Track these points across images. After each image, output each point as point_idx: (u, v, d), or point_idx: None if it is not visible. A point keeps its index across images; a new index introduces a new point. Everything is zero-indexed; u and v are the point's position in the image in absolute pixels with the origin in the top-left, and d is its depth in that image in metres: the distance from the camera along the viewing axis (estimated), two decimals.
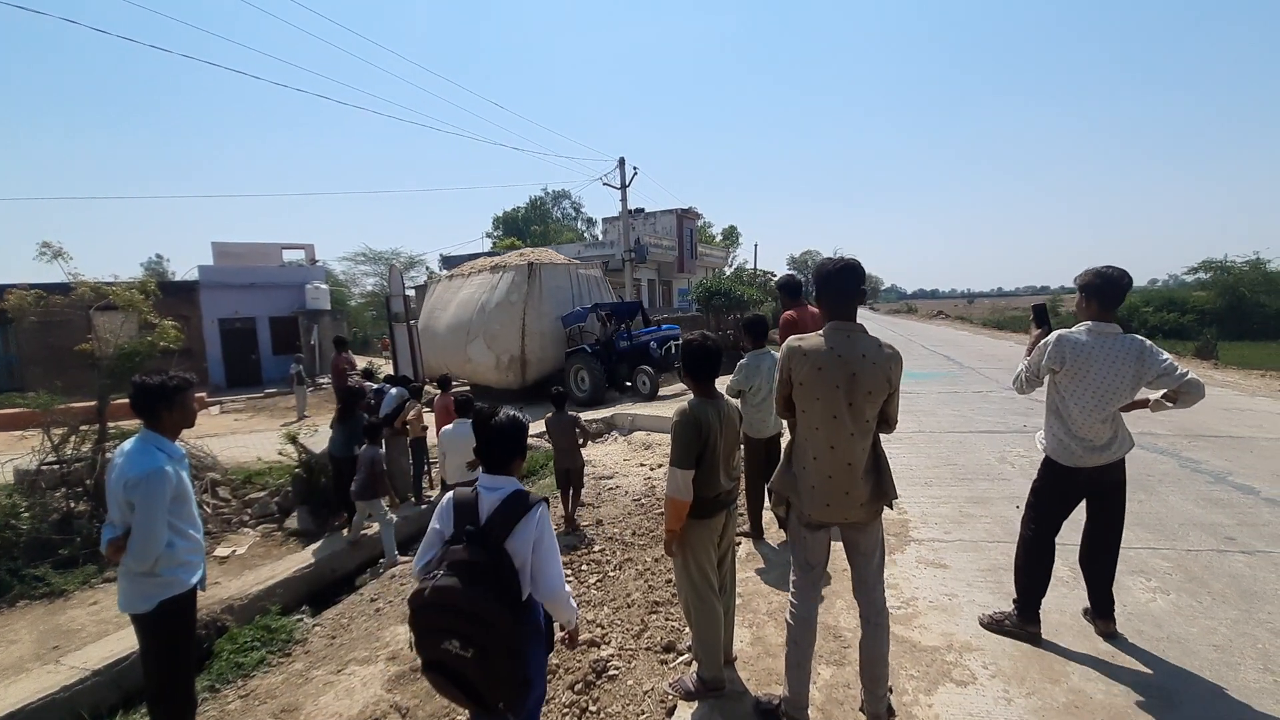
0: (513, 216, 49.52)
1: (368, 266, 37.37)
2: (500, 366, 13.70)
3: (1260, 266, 21.55)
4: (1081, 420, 2.86)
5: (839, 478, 2.34)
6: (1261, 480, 5.22)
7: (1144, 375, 2.76)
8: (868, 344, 2.33)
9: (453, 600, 1.79)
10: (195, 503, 2.90)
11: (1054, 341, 2.92)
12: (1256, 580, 3.51)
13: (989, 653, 2.97)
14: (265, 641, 4.56)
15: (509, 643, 1.82)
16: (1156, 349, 2.80)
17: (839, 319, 2.38)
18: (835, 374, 2.29)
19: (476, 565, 1.85)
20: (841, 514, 2.38)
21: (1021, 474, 5.65)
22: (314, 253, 26.24)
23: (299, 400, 15.07)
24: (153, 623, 2.68)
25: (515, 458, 2.09)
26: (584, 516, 5.94)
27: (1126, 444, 2.89)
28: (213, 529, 7.72)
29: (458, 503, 2.02)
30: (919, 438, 7.30)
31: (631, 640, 3.55)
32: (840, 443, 2.32)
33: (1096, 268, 2.87)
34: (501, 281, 14.29)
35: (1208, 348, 14.50)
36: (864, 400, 2.29)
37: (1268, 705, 2.48)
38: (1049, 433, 3.02)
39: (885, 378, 2.30)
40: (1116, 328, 2.85)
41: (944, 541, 4.28)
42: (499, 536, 1.92)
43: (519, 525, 1.94)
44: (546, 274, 14.25)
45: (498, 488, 2.02)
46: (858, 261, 2.42)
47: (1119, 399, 2.81)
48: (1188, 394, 2.72)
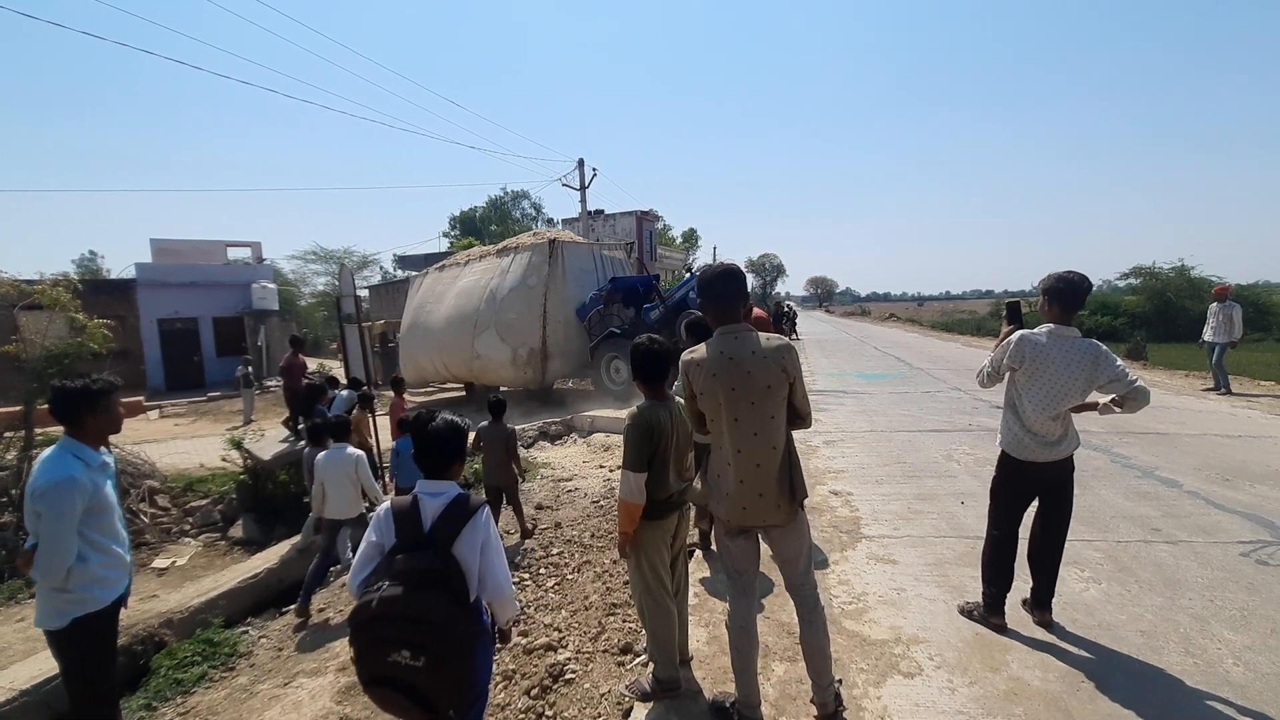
0: (470, 216, 48.80)
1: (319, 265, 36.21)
2: (517, 361, 11.87)
3: (1185, 273, 22.89)
4: (1034, 416, 2.98)
5: (750, 480, 2.33)
6: (1184, 474, 5.54)
7: (1096, 378, 2.88)
8: (756, 340, 2.34)
9: (403, 609, 1.76)
10: (120, 515, 2.77)
11: (1016, 341, 3.05)
12: (1179, 569, 3.72)
13: (935, 644, 3.07)
14: (207, 656, 4.38)
15: (462, 647, 1.82)
16: (1111, 355, 2.91)
17: (725, 323, 2.38)
18: (729, 376, 2.29)
19: (427, 572, 1.83)
20: (759, 517, 2.37)
21: (967, 471, 5.86)
22: (261, 250, 25.36)
23: (245, 403, 14.51)
24: (66, 640, 2.56)
25: (454, 462, 2.09)
26: (542, 519, 5.89)
27: (1075, 442, 3.03)
28: (151, 539, 7.38)
29: (397, 512, 1.98)
30: (870, 437, 7.50)
31: (589, 643, 3.54)
32: (746, 445, 2.32)
33: (1059, 272, 2.98)
34: (515, 264, 12.36)
35: (1138, 349, 15.30)
36: (764, 396, 2.29)
37: (1188, 686, 2.64)
38: (1005, 427, 3.14)
39: (780, 368, 2.29)
40: (1076, 331, 2.96)
41: (893, 538, 4.41)
42: (446, 542, 1.91)
43: (465, 529, 1.94)
44: (569, 253, 12.41)
45: (439, 493, 2.01)
46: (737, 266, 2.46)
47: (1070, 399, 2.93)
48: (1134, 400, 2.83)
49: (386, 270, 40.27)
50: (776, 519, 2.37)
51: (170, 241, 22.51)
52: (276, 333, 21.84)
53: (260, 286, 21.77)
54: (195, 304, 20.84)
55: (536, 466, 7.99)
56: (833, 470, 6.12)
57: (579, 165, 23.37)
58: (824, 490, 5.51)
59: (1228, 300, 9.90)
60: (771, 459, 2.32)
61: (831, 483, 5.72)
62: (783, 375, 2.30)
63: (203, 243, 23.54)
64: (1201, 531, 4.26)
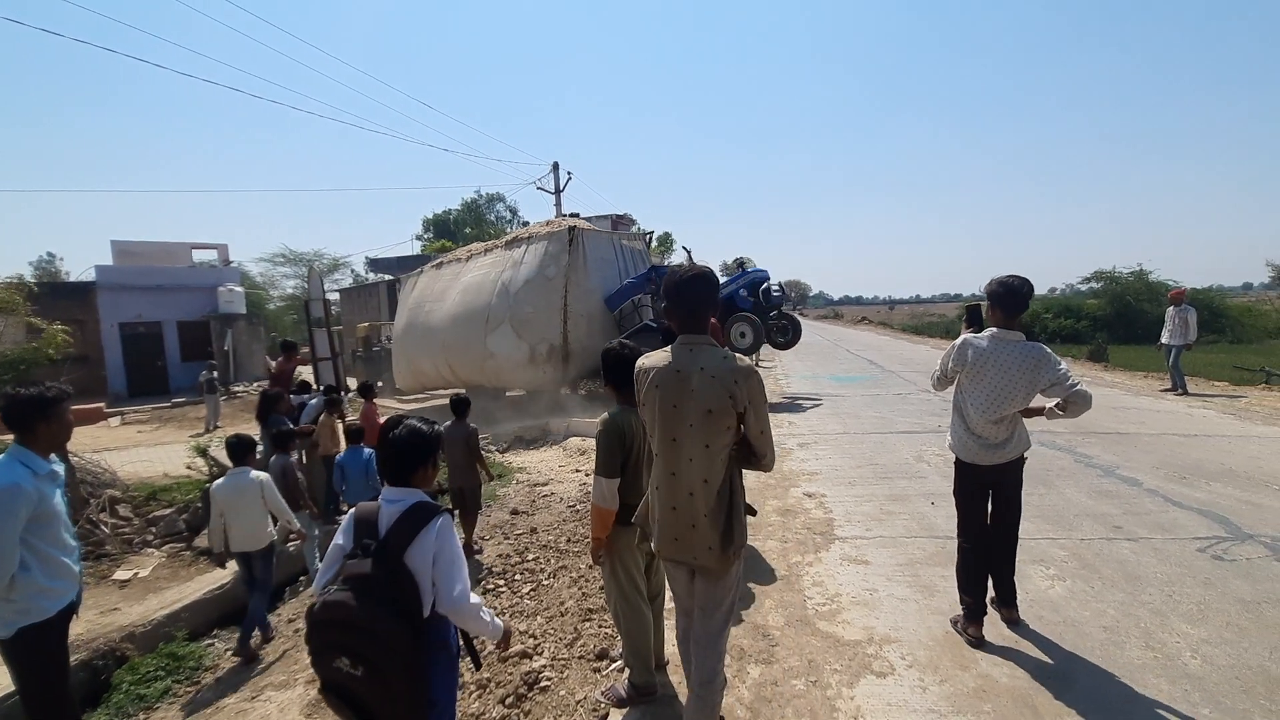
0: (444, 219, 48.29)
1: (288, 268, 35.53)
2: (536, 360, 10.88)
3: (1143, 277, 23.67)
4: (977, 420, 3.01)
5: (683, 509, 2.11)
6: (1144, 473, 5.71)
7: (1038, 382, 2.88)
8: (711, 356, 2.10)
9: (343, 615, 1.73)
10: (68, 524, 2.73)
11: (958, 344, 3.09)
12: (1140, 565, 3.84)
13: (906, 644, 3.12)
14: (171, 670, 4.26)
15: (406, 660, 1.75)
16: (1054, 359, 2.91)
17: (689, 332, 2.16)
18: (672, 391, 2.09)
19: (371, 579, 1.79)
20: (689, 553, 2.14)
21: (937, 471, 5.96)
22: (228, 253, 24.81)
23: (209, 409, 14.12)
24: (13, 650, 2.54)
25: (418, 468, 2.03)
26: (518, 524, 5.85)
27: (1022, 445, 3.04)
28: (112, 550, 7.14)
29: (358, 517, 1.97)
30: (843, 439, 7.59)
31: (564, 649, 3.52)
32: (681, 469, 2.10)
33: (1000, 277, 3.00)
34: (530, 254, 11.40)
35: (1099, 351, 15.76)
36: (704, 421, 2.05)
37: (1149, 680, 2.72)
38: (952, 430, 3.19)
39: (727, 393, 2.03)
40: (1019, 335, 2.97)
41: (865, 539, 4.46)
42: (398, 549, 1.86)
43: (418, 537, 1.88)
44: (590, 242, 11.47)
45: (399, 500, 1.97)
46: (709, 270, 2.23)
47: (1013, 403, 2.93)
48: (1074, 404, 2.83)
49: (358, 273, 39.67)
50: (707, 561, 2.12)
51: (132, 243, 21.87)
52: (244, 337, 21.37)
53: (227, 290, 21.28)
54: (159, 307, 20.28)
55: (512, 471, 7.93)
56: (806, 472, 6.19)
57: (554, 169, 23.35)
58: (798, 492, 5.57)
59: (1183, 304, 10.24)
60: (707, 490, 2.09)
61: (805, 484, 5.78)
62: (728, 402, 2.04)
63: (166, 244, 22.91)
64: (1160, 529, 4.40)
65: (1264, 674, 2.71)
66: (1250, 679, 2.68)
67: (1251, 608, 3.27)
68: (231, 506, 4.34)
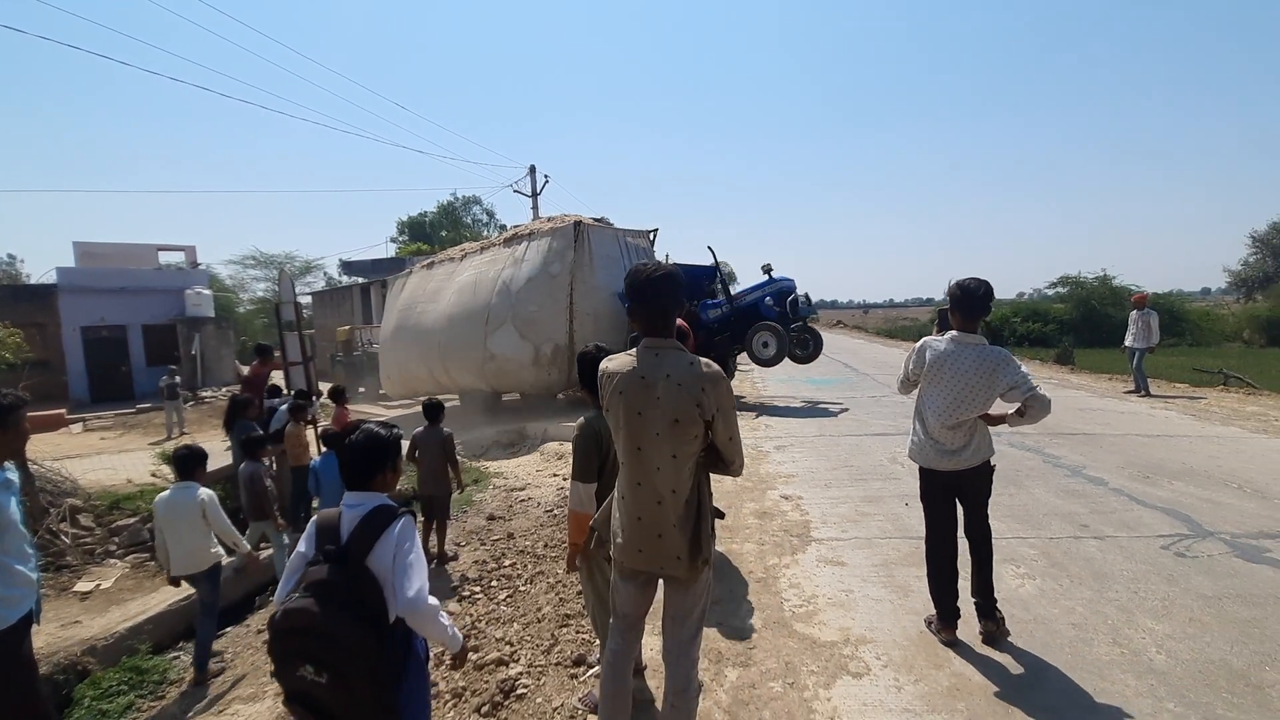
0: (420, 221, 47.80)
1: (258, 271, 34.86)
2: (540, 361, 10.48)
3: (1107, 282, 24.38)
4: (934, 424, 2.97)
5: (650, 518, 2.05)
6: (1109, 472, 5.86)
7: (996, 386, 2.82)
8: (677, 362, 2.02)
9: (305, 622, 1.71)
10: (24, 532, 2.66)
11: (918, 347, 3.07)
12: (1106, 563, 3.93)
13: (882, 644, 3.14)
14: (134, 685, 4.14)
15: (371, 667, 1.73)
16: (1013, 363, 2.84)
17: (654, 334, 2.08)
18: (637, 399, 2.01)
19: (333, 584, 1.77)
20: (656, 563, 2.08)
21: (910, 473, 6.01)
22: (195, 255, 24.27)
23: (169, 415, 13.68)
24: None
25: (378, 472, 2.02)
26: (495, 530, 5.79)
27: (983, 452, 2.97)
28: (73, 561, 6.91)
29: (320, 524, 1.96)
30: (820, 441, 7.66)
31: (541, 656, 3.49)
32: (647, 478, 2.04)
33: (959, 280, 2.95)
34: (532, 251, 10.97)
35: (1066, 354, 16.17)
36: (670, 430, 1.98)
37: (1116, 676, 2.78)
38: (911, 434, 3.16)
39: (694, 402, 1.96)
40: (979, 338, 2.91)
41: (842, 540, 4.50)
42: (359, 554, 1.84)
43: (380, 540, 1.86)
44: (595, 238, 11.00)
45: (359, 504, 1.96)
46: (676, 270, 2.13)
47: (970, 407, 2.87)
48: (1033, 408, 2.77)
49: (331, 276, 39.03)
50: (676, 570, 2.07)
51: (96, 245, 21.30)
52: (212, 341, 20.90)
53: (194, 292, 20.81)
54: (123, 311, 19.74)
55: (489, 476, 7.85)
56: (783, 474, 6.23)
57: (530, 172, 23.28)
58: (775, 495, 5.60)
59: (1146, 308, 10.54)
60: (675, 499, 2.04)
61: (782, 487, 5.82)
62: (695, 411, 1.97)
63: (131, 246, 22.36)
64: (1126, 527, 4.50)
65: (1226, 668, 2.78)
66: (1213, 673, 2.75)
67: (1213, 603, 3.36)
68: (170, 525, 4.03)
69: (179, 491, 4.07)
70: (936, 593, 3.14)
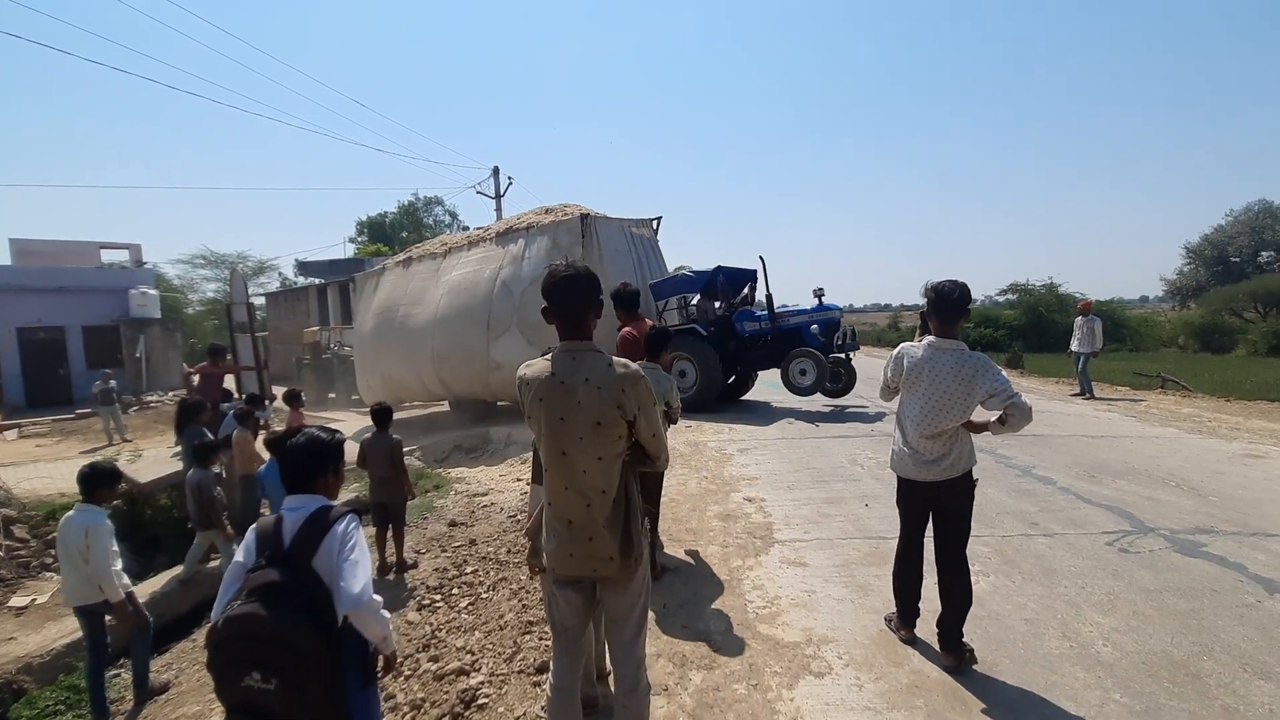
0: (379, 222, 46.81)
1: (209, 270, 33.59)
2: None
3: (1054, 289, 25.47)
4: (913, 433, 2.86)
5: (580, 521, 2.05)
6: (1057, 472, 6.07)
7: (975, 393, 2.71)
8: (594, 365, 2.02)
9: (251, 627, 1.66)
10: None
11: (895, 353, 2.99)
12: (1055, 559, 4.06)
13: (843, 643, 3.18)
14: (72, 704, 3.93)
15: (322, 670, 1.70)
16: (993, 369, 2.72)
17: (570, 338, 2.07)
18: (557, 404, 2.00)
19: (279, 586, 1.73)
20: (589, 566, 2.07)
21: (870, 475, 6.16)
22: (141, 253, 23.32)
23: (105, 421, 13.00)
24: None
25: (319, 476, 2.00)
26: (456, 537, 5.68)
27: (962, 463, 2.84)
28: (6, 575, 6.53)
29: (259, 531, 1.91)
30: (781, 444, 7.75)
31: (504, 664, 3.43)
32: (574, 481, 2.03)
33: (934, 282, 2.89)
34: (535, 247, 10.12)
35: (1016, 359, 16.78)
36: (593, 434, 1.99)
37: (1066, 669, 2.87)
38: (892, 442, 3.06)
39: (615, 404, 1.97)
40: (957, 344, 2.79)
41: (804, 541, 4.56)
42: (304, 556, 1.81)
43: (324, 541, 1.84)
44: (603, 231, 10.12)
45: (300, 507, 1.93)
46: (587, 270, 2.11)
47: (949, 415, 2.76)
48: (1013, 416, 2.66)
49: (286, 277, 37.89)
50: (609, 571, 2.07)
51: (33, 242, 20.30)
52: (158, 343, 20.03)
53: (140, 292, 19.92)
54: (62, 311, 18.77)
55: (450, 481, 7.72)
56: (746, 477, 6.28)
57: (494, 173, 23.04)
58: (739, 497, 5.64)
59: (1090, 314, 11.01)
60: (604, 500, 2.03)
61: (746, 489, 5.86)
62: (617, 413, 1.98)
63: (72, 244, 21.40)
64: (1073, 524, 4.67)
65: (1167, 658, 2.90)
66: (1155, 664, 2.87)
67: (1154, 596, 3.51)
68: (63, 549, 3.63)
69: (77, 514, 3.67)
70: (899, 593, 3.14)
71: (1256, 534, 4.36)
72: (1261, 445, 7.06)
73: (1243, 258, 31.04)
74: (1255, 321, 23.61)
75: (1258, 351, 18.83)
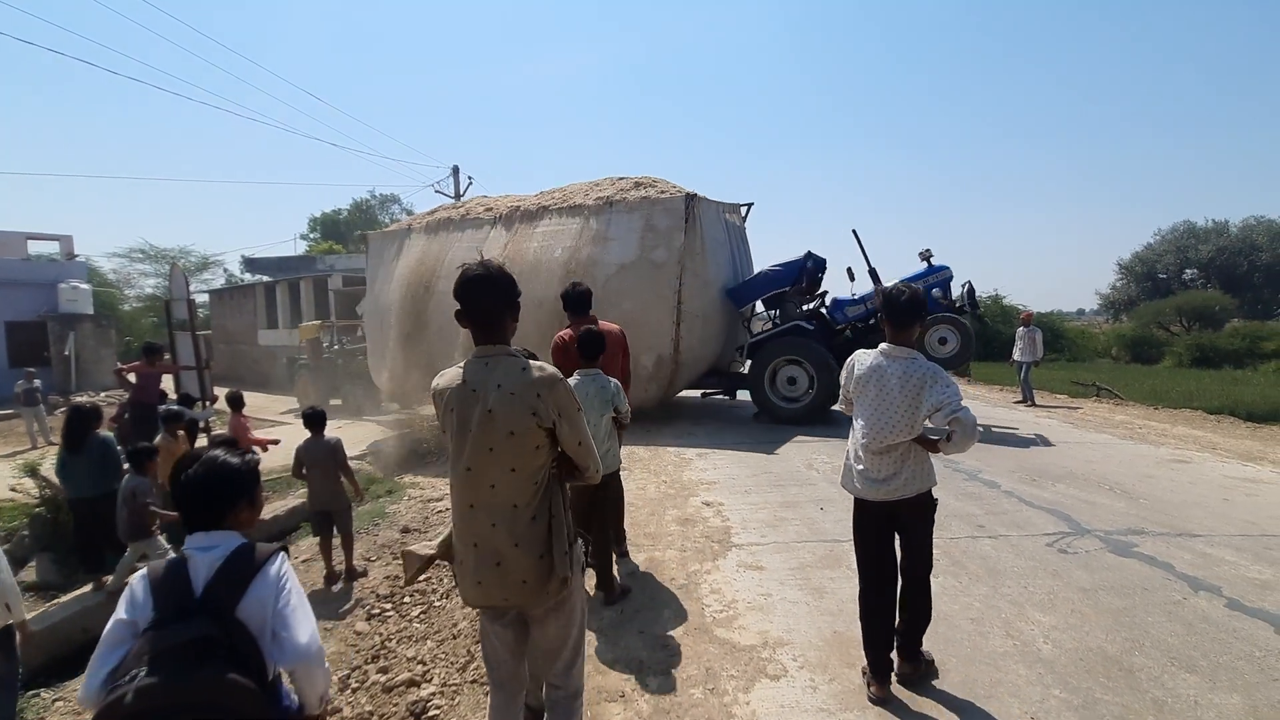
0: (333, 218, 45.55)
1: (147, 265, 32.10)
2: (639, 376, 8.01)
3: (998, 301, 26.56)
4: (860, 448, 2.69)
5: (485, 544, 1.87)
6: (1001, 476, 6.30)
7: (921, 406, 2.52)
8: (508, 370, 1.87)
9: (173, 698, 1.30)
10: None
11: (847, 361, 2.85)
12: (1000, 560, 4.20)
13: (798, 645, 3.22)
14: None
15: None
16: (943, 379, 2.53)
17: (484, 342, 1.92)
18: (467, 413, 1.86)
19: (200, 643, 1.37)
20: (498, 594, 1.89)
21: (825, 479, 6.27)
22: (73, 245, 22.11)
23: (29, 423, 12.27)
24: None
25: (229, 510, 1.61)
26: (409, 544, 5.53)
27: (914, 484, 2.64)
28: None
29: (154, 580, 1.50)
30: (739, 449, 7.83)
31: (456, 674, 3.35)
32: (481, 500, 1.87)
33: (887, 286, 2.86)
34: (621, 227, 8.58)
35: (963, 368, 17.40)
36: (505, 444, 1.84)
37: (1010, 666, 2.97)
38: (845, 457, 2.86)
39: (529, 411, 1.83)
40: (909, 352, 2.62)
41: (760, 545, 4.60)
42: (228, 604, 1.47)
43: (253, 585, 1.50)
44: (705, 215, 8.69)
45: (213, 546, 1.55)
46: (498, 269, 1.92)
47: (895, 429, 2.57)
48: (956, 433, 2.49)
49: (232, 274, 36.48)
50: (521, 599, 1.88)
51: None
52: (90, 340, 19.01)
53: (70, 287, 18.91)
54: None
55: (404, 486, 7.53)
56: (705, 481, 6.31)
57: (454, 172, 22.71)
58: (697, 501, 5.66)
59: (1031, 325, 11.52)
60: (515, 520, 1.86)
61: (704, 494, 5.89)
62: (532, 421, 1.83)
63: None
64: (1016, 526, 4.85)
65: (1102, 654, 3.03)
66: (1092, 660, 2.99)
67: (1090, 595, 3.66)
68: None
69: None
70: (869, 644, 2.75)
71: (1182, 535, 4.60)
72: (1187, 451, 7.48)
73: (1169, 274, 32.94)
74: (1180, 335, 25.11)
75: (1182, 363, 20.00)
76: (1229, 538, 4.51)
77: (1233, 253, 29.71)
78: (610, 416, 3.63)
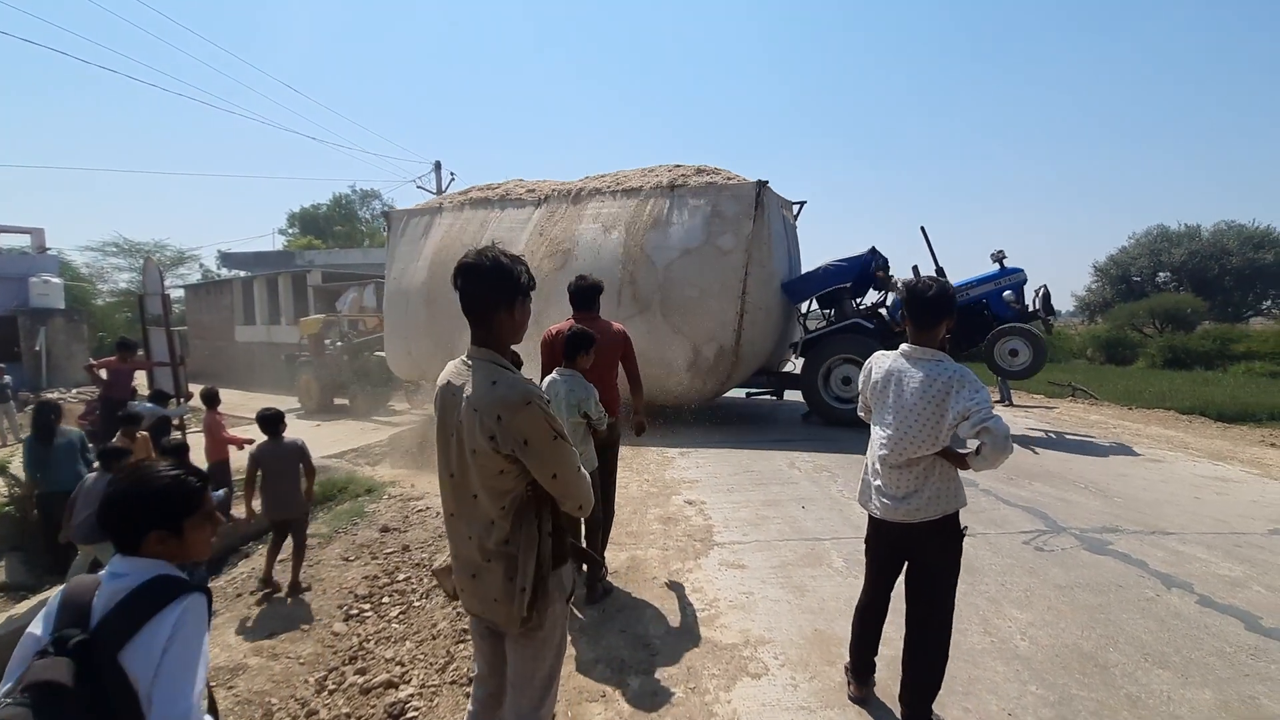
0: (313, 213, 44.91)
1: (121, 259, 31.34)
2: (699, 366, 8.00)
3: None
4: (878, 461, 2.41)
5: (463, 554, 1.79)
6: (980, 474, 6.37)
7: (946, 415, 2.20)
8: (479, 380, 1.67)
9: None
10: None
11: (865, 364, 2.55)
12: (977, 558, 4.25)
13: (779, 644, 3.22)
14: None
15: None
16: (971, 385, 2.19)
17: (475, 343, 1.76)
18: (449, 417, 1.74)
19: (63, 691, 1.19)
20: (475, 605, 1.81)
21: (807, 478, 6.30)
22: (44, 238, 21.54)
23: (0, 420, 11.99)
24: None
25: (150, 533, 1.40)
26: (388, 543, 5.47)
27: (937, 505, 2.33)
28: None
29: (66, 597, 1.36)
30: (722, 448, 7.84)
31: (435, 675, 3.31)
32: (463, 509, 1.77)
33: (911, 279, 2.57)
34: (687, 211, 8.23)
35: None
36: (470, 461, 1.68)
37: (987, 663, 3.00)
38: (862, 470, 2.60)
39: (486, 434, 1.61)
40: (934, 353, 2.31)
41: (742, 543, 4.61)
42: (111, 646, 1.27)
43: (145, 628, 1.29)
44: (771, 207, 8.33)
45: (126, 574, 1.36)
46: (496, 259, 1.71)
47: (916, 442, 2.27)
48: (985, 445, 2.14)
49: (208, 269, 35.82)
50: (494, 615, 1.76)
51: None
52: (61, 335, 18.57)
53: (41, 281, 18.45)
54: None
55: (384, 485, 7.44)
56: (687, 480, 6.31)
57: (436, 168, 22.52)
58: (679, 500, 5.66)
59: None
60: (492, 532, 1.71)
61: (687, 492, 5.89)
62: (489, 444, 1.62)
63: None
64: (994, 524, 4.91)
65: (1078, 651, 3.08)
66: (1067, 656, 3.03)
67: (1066, 592, 3.71)
68: None
69: None
70: (855, 646, 2.72)
71: (1156, 532, 4.69)
72: (1159, 450, 7.63)
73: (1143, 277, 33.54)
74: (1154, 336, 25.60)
75: (1156, 364, 20.38)
76: (1200, 535, 4.61)
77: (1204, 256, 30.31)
78: (579, 420, 3.42)
